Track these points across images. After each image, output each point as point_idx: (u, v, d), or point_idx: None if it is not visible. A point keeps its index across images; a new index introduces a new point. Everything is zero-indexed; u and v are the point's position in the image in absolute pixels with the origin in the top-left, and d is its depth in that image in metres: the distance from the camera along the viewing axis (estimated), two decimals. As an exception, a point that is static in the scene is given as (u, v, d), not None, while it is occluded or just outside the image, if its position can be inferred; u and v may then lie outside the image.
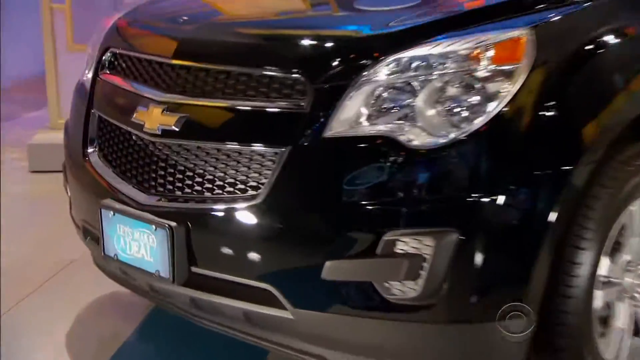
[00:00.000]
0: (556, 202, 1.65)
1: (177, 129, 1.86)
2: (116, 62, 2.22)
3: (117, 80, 2.17)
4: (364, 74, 1.70)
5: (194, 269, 1.85)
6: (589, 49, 1.81)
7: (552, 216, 1.64)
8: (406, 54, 1.70)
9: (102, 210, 2.00)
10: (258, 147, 1.77)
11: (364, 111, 1.70)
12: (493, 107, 1.63)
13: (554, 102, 1.70)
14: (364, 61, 1.72)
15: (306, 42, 1.89)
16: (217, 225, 1.82)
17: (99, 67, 2.27)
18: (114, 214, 1.98)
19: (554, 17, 1.80)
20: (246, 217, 1.76)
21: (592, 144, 1.74)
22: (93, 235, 2.17)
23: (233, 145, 1.80)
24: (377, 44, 1.77)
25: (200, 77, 1.88)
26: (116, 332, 2.55)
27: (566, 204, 1.68)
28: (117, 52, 2.22)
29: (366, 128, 1.69)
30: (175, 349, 2.45)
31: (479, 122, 1.63)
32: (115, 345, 2.46)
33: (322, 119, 1.71)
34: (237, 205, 1.77)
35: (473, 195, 1.62)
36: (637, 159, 1.88)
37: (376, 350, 1.74)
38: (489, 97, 1.64)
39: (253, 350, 2.12)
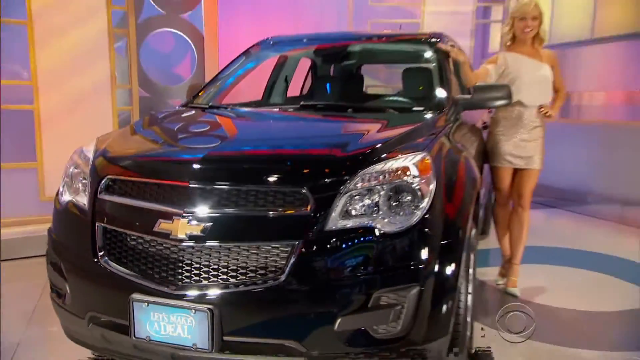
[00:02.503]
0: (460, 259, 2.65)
1: (203, 235, 2.47)
2: (121, 186, 2.74)
3: (128, 200, 2.68)
4: (346, 184, 2.51)
5: (226, 338, 2.47)
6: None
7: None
8: (369, 170, 2.55)
9: (134, 303, 2.51)
10: (276, 243, 2.46)
11: (348, 210, 2.49)
12: (426, 203, 2.55)
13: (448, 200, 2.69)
14: (345, 176, 2.52)
15: (308, 165, 2.64)
16: (249, 302, 2.46)
17: (97, 191, 2.77)
18: (147, 305, 2.50)
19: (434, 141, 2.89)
20: (274, 293, 2.43)
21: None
22: (107, 322, 2.66)
23: (256, 243, 2.47)
24: (352, 163, 2.60)
25: (220, 194, 2.51)
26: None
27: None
28: (121, 178, 2.75)
29: (351, 221, 2.49)
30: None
31: (421, 213, 2.53)
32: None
33: (321, 219, 2.46)
34: (265, 286, 2.43)
35: (424, 261, 2.51)
36: None
37: None
38: (423, 196, 2.55)
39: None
